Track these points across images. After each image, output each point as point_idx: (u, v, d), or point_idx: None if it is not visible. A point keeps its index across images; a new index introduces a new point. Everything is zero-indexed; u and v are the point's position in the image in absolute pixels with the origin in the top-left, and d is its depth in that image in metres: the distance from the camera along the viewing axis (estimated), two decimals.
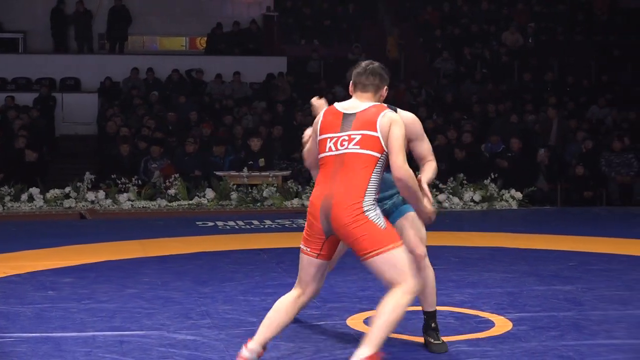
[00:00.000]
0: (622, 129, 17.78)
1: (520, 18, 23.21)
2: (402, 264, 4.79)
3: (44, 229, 11.11)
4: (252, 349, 4.98)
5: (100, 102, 19.56)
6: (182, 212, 13.09)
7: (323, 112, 5.14)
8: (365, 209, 4.82)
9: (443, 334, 5.58)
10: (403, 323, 6.10)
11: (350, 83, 5.19)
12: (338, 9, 23.41)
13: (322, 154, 5.03)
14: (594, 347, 5.55)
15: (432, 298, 5.53)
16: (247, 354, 4.98)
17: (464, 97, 20.02)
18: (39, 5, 22.18)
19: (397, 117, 4.97)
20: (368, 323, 6.07)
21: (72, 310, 6.56)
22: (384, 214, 5.43)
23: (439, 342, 5.50)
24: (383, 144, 4.89)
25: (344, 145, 4.92)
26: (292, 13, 23.48)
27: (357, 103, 5.05)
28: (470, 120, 17.92)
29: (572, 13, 23.91)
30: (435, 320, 5.55)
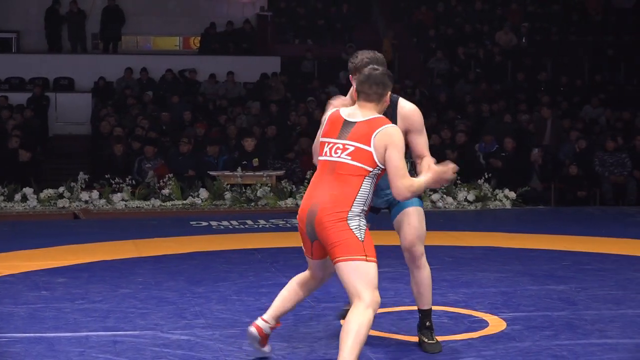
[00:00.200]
0: (615, 129, 17.81)
1: (514, 18, 23.24)
2: (368, 277, 4.80)
3: (38, 229, 11.09)
4: (267, 320, 5.23)
5: (94, 102, 19.54)
6: (176, 212, 13.07)
7: (330, 113, 5.17)
8: (349, 218, 4.87)
9: (437, 334, 5.58)
10: (398, 323, 6.14)
11: (353, 89, 5.19)
12: (332, 9, 23.41)
13: (319, 157, 5.10)
14: (588, 346, 5.56)
15: (427, 297, 5.51)
16: (261, 323, 5.22)
17: (458, 97, 20.04)
18: (33, 5, 22.15)
19: (393, 133, 4.95)
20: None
21: (65, 311, 6.55)
22: (387, 204, 5.49)
23: (433, 341, 5.50)
24: (376, 159, 4.93)
25: (337, 154, 4.98)
26: (285, 13, 23.49)
27: (358, 112, 5.07)
28: (464, 120, 17.93)
29: (565, 13, 23.94)
30: (430, 319, 5.55)
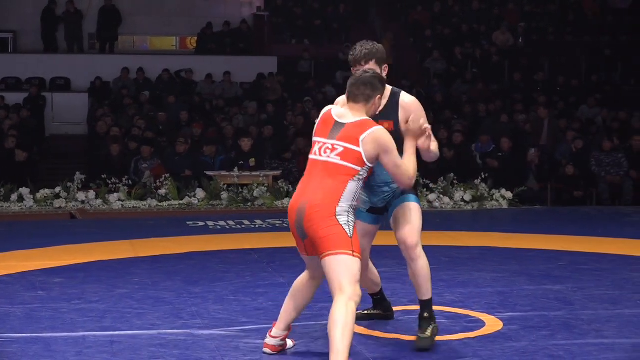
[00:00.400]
0: (612, 129, 17.82)
1: (511, 18, 23.26)
2: (351, 271, 4.94)
3: (34, 229, 11.08)
4: (275, 335, 5.37)
5: (91, 102, 19.53)
6: (172, 212, 13.06)
7: (322, 113, 5.27)
8: (337, 214, 4.98)
9: None
10: (394, 323, 6.14)
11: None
12: (328, 9, 23.41)
13: (309, 155, 5.21)
14: (585, 346, 5.56)
15: (425, 287, 5.52)
16: (271, 341, 5.37)
17: (455, 96, 20.04)
18: (29, 5, 22.15)
19: (381, 136, 5.05)
20: (359, 323, 6.08)
21: (62, 311, 6.54)
22: (384, 203, 5.56)
23: (424, 335, 5.45)
24: (365, 160, 5.04)
25: (327, 154, 5.09)
26: (282, 13, 23.49)
27: (348, 113, 5.16)
28: (461, 120, 17.93)
29: (562, 13, 23.97)
30: (429, 311, 5.53)
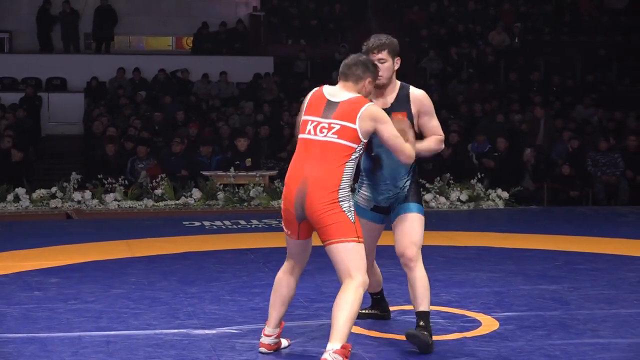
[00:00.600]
0: (607, 129, 17.84)
1: (507, 18, 23.27)
2: (357, 258, 5.00)
3: (30, 229, 11.07)
4: (269, 333, 5.38)
5: (87, 102, 19.51)
6: (168, 212, 13.06)
7: (311, 93, 5.26)
8: (340, 199, 5.01)
9: None
10: (390, 323, 6.15)
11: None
12: (324, 9, 23.41)
13: (301, 135, 5.19)
14: (580, 346, 5.57)
15: (421, 298, 5.47)
16: (266, 340, 5.39)
17: (451, 96, 20.05)
18: (25, 5, 22.13)
19: (377, 111, 5.10)
20: (355, 323, 6.08)
21: (58, 311, 6.54)
22: (388, 202, 5.58)
23: (416, 331, 5.39)
24: (360, 136, 5.06)
25: (323, 133, 5.08)
26: (278, 13, 23.47)
27: (341, 92, 5.18)
28: (457, 120, 17.94)
29: (558, 13, 23.99)
30: (426, 321, 5.47)
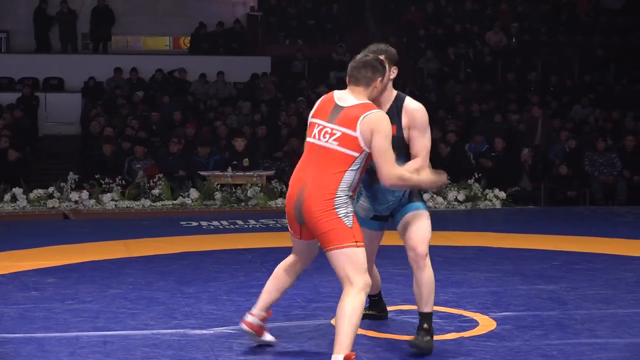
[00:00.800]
0: (604, 129, 17.86)
1: (504, 18, 23.28)
2: (358, 262, 4.96)
3: (27, 229, 11.06)
4: (254, 313, 5.39)
5: (84, 102, 19.51)
6: (166, 212, 13.06)
7: (323, 96, 5.26)
8: (336, 206, 4.98)
9: None
10: (389, 323, 6.14)
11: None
12: (322, 9, 23.41)
13: (307, 138, 5.18)
14: (578, 346, 5.57)
15: (426, 299, 5.43)
16: (250, 319, 5.39)
17: (448, 97, 20.06)
18: (22, 5, 22.12)
19: (379, 119, 5.00)
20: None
21: (55, 311, 6.53)
22: (389, 211, 5.55)
23: (419, 340, 5.36)
24: (362, 144, 4.99)
25: (326, 138, 5.06)
26: (276, 13, 23.48)
27: (348, 97, 5.13)
28: (455, 120, 17.95)
29: (555, 13, 24.00)
30: (429, 323, 5.44)
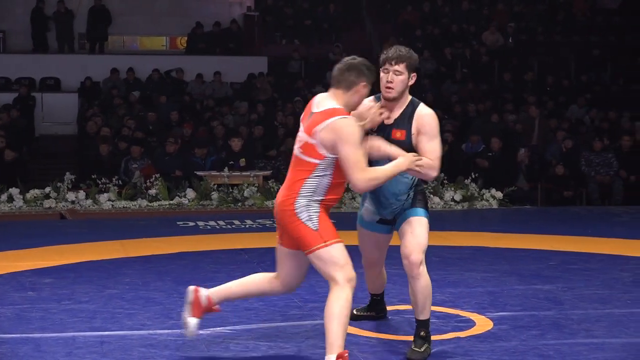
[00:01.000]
0: (601, 129, 17.88)
1: (500, 18, 23.29)
2: (332, 260, 4.90)
3: (24, 230, 11.05)
4: (209, 294, 5.31)
5: (80, 102, 19.49)
6: (162, 212, 13.05)
7: (311, 99, 5.20)
8: (297, 211, 4.93)
9: None
10: (385, 323, 6.15)
11: None
12: (319, 9, 23.42)
13: None
14: (574, 346, 5.58)
15: (422, 307, 5.38)
16: (200, 289, 5.34)
17: (445, 97, 20.05)
18: (19, 5, 22.09)
19: (342, 126, 4.84)
20: (350, 323, 6.08)
21: (52, 311, 6.53)
22: (392, 215, 5.50)
23: (419, 349, 5.32)
24: (322, 152, 4.90)
25: (296, 146, 5.05)
26: (272, 13, 23.48)
27: (325, 101, 5.01)
28: (451, 120, 17.96)
29: (551, 13, 24.02)
30: (426, 330, 5.40)
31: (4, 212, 12.85)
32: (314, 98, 5.14)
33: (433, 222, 5.75)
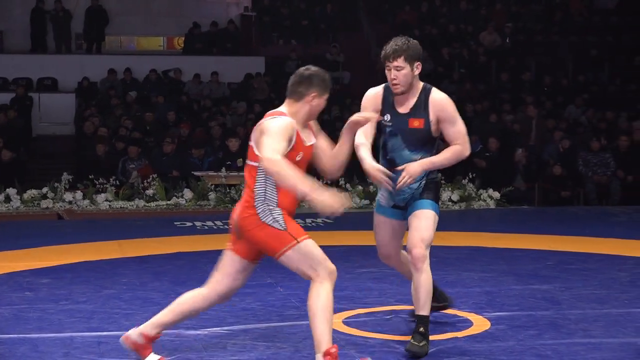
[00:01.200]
0: (598, 129, 17.88)
1: (498, 18, 23.29)
2: (307, 256, 4.83)
3: (21, 230, 11.05)
4: (140, 330, 5.12)
5: (78, 102, 19.48)
6: (160, 212, 13.06)
7: None
8: (261, 215, 4.88)
9: None
10: (382, 323, 6.14)
11: None
12: (316, 9, 23.42)
13: None
14: (572, 345, 5.58)
15: (423, 302, 5.38)
16: (131, 333, 5.14)
17: None
18: (16, 5, 22.08)
19: (270, 123, 4.86)
20: (347, 323, 6.09)
21: (49, 311, 6.53)
22: (403, 203, 5.54)
23: (416, 343, 5.31)
24: (257, 152, 4.87)
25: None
26: (269, 13, 23.47)
27: (275, 110, 5.07)
28: None
29: (549, 13, 24.02)
30: (425, 326, 5.39)
31: (1, 212, 12.86)
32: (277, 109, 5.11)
33: None
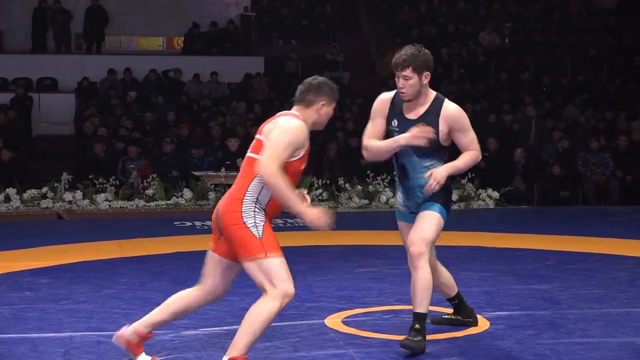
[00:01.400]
0: (597, 129, 17.89)
1: (497, 18, 23.29)
2: (270, 273, 4.78)
3: (21, 230, 11.06)
4: (133, 328, 5.12)
5: (77, 102, 19.48)
6: (159, 212, 13.07)
7: None
8: (244, 216, 4.83)
9: None
10: (381, 323, 6.15)
11: None
12: (315, 9, 23.41)
13: None
14: (571, 345, 5.58)
15: (420, 300, 5.39)
16: (124, 331, 5.13)
17: None
18: (16, 5, 22.08)
19: (285, 121, 4.88)
20: (347, 323, 6.10)
21: (49, 311, 6.54)
22: (415, 208, 5.53)
23: (410, 338, 5.32)
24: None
25: (250, 148, 4.99)
26: (269, 13, 23.47)
27: (284, 113, 5.05)
28: None
29: (548, 13, 24.03)
30: (421, 323, 5.39)
31: (1, 212, 12.86)
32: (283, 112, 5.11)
33: None
